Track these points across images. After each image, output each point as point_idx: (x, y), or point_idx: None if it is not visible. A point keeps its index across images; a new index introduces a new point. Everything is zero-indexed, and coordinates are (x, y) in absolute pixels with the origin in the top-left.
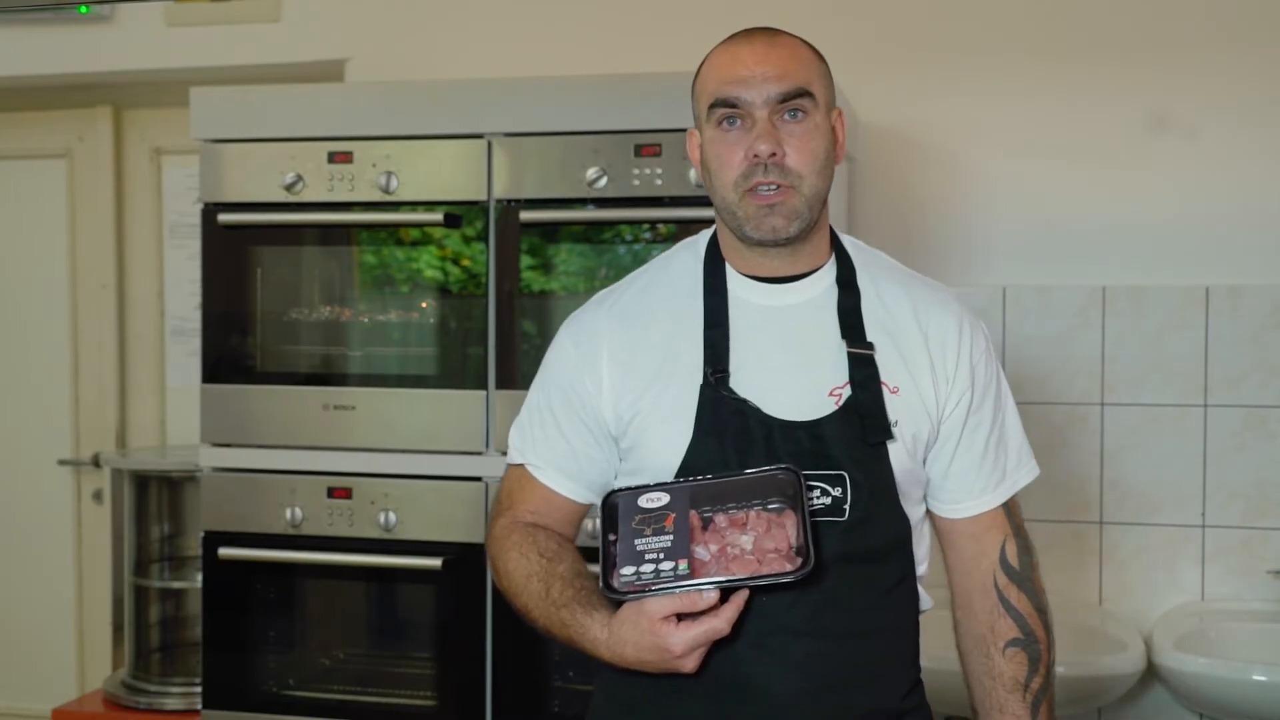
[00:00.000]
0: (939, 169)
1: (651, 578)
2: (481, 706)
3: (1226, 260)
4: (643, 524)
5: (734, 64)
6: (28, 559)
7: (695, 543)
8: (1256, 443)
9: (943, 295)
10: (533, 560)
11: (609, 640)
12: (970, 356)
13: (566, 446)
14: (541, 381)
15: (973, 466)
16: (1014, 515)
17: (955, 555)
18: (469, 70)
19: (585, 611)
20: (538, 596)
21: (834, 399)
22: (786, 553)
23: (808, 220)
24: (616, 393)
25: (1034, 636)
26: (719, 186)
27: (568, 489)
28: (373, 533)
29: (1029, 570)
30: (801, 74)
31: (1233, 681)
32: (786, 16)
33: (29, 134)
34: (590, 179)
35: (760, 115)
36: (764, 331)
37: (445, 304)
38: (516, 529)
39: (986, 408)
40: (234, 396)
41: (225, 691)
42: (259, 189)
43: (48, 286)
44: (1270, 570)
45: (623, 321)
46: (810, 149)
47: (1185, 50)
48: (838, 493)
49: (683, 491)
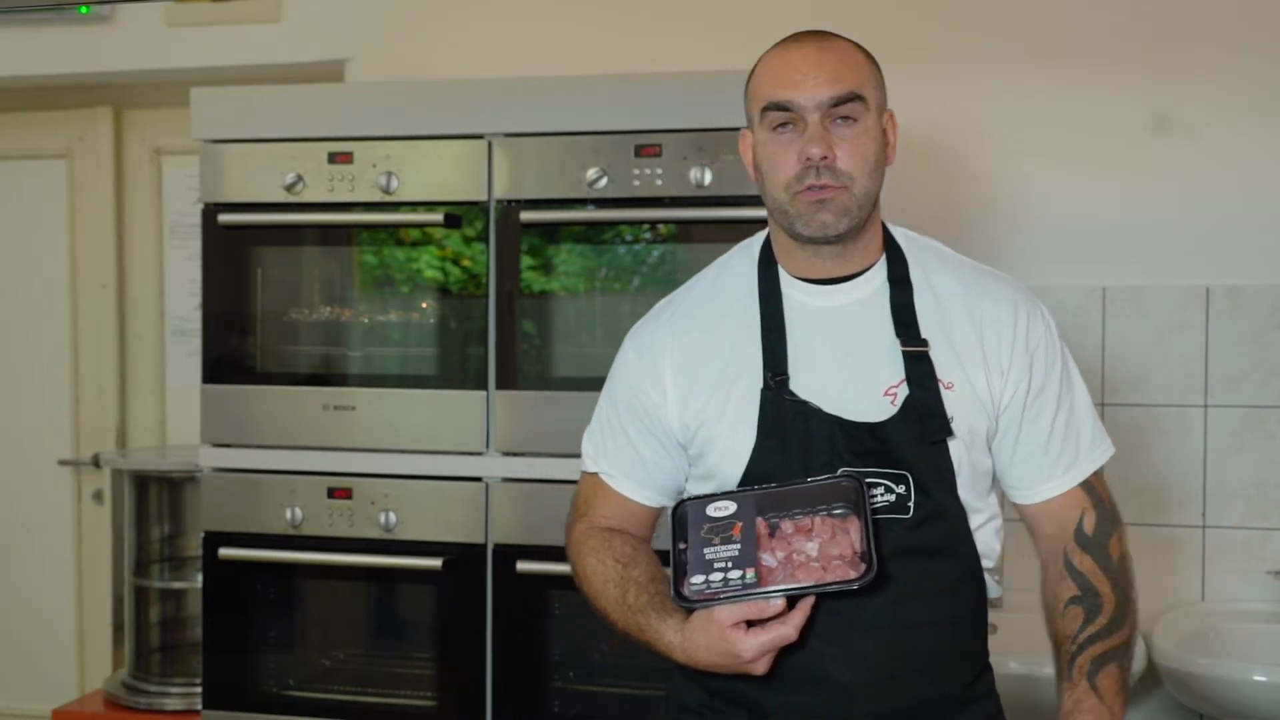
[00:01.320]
0: (939, 169)
1: (720, 586)
2: (481, 706)
3: (1226, 260)
4: (711, 533)
5: (786, 68)
6: (28, 559)
7: (762, 550)
8: (1256, 443)
9: (997, 283)
10: (609, 565)
11: (683, 645)
12: (1027, 344)
13: (636, 455)
14: (609, 392)
15: (1038, 452)
16: (1096, 490)
17: (1038, 536)
18: (469, 70)
19: (660, 617)
20: (615, 601)
21: (889, 398)
22: (851, 559)
23: (857, 218)
24: (681, 401)
25: (1093, 591)
26: (770, 187)
27: (640, 495)
28: (373, 533)
29: (1104, 538)
30: (853, 78)
31: (1233, 682)
32: (787, 16)
33: (29, 134)
34: (590, 179)
35: (812, 119)
36: (819, 333)
37: (445, 304)
38: (594, 534)
39: (1049, 394)
40: (234, 396)
41: (225, 692)
42: (259, 189)
43: (48, 286)
44: (1270, 570)
45: (683, 330)
46: (861, 152)
47: (1185, 50)
48: (901, 490)
49: (749, 499)
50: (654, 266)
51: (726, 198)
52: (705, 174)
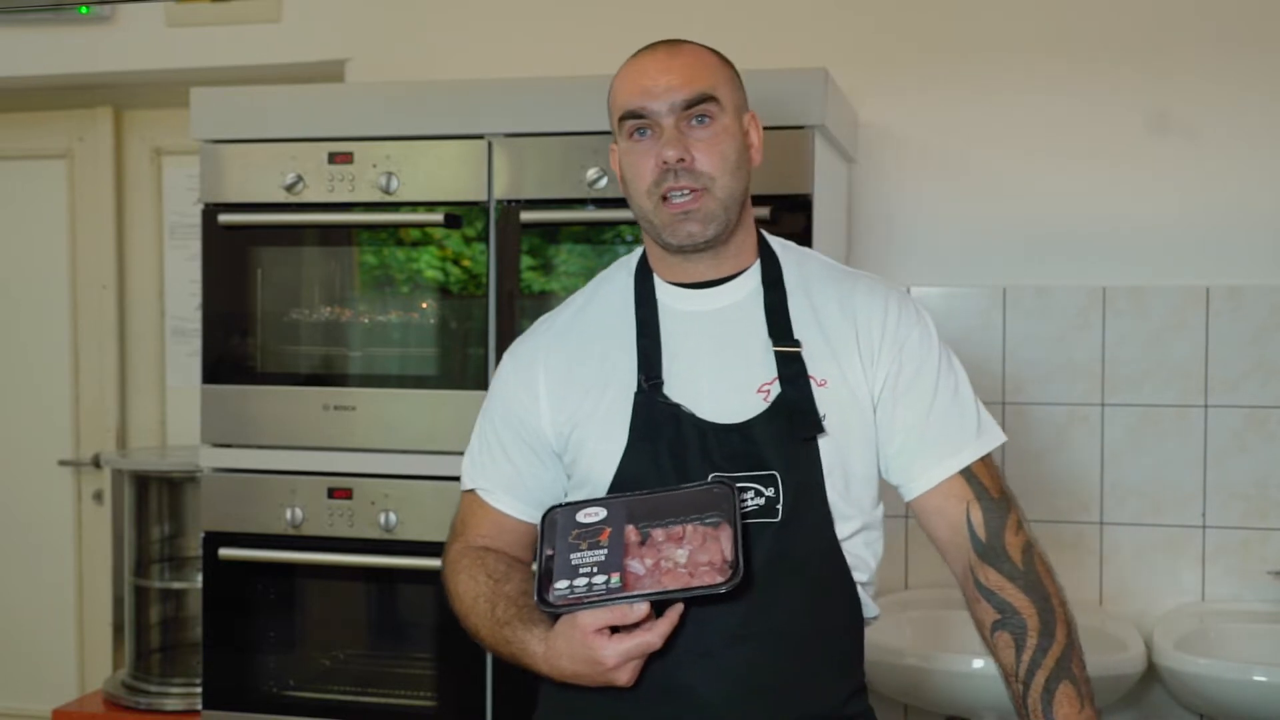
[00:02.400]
0: (939, 169)
1: (585, 591)
2: (481, 706)
3: (1226, 260)
4: (579, 538)
5: (639, 75)
6: (28, 559)
7: (631, 557)
8: (1257, 443)
9: (871, 283)
10: (480, 582)
11: (546, 654)
12: (897, 332)
13: (513, 469)
14: (486, 409)
15: (915, 437)
16: (980, 479)
17: (937, 543)
18: (469, 70)
19: (525, 627)
20: (484, 616)
21: (762, 395)
22: (719, 565)
23: (724, 222)
24: (554, 406)
25: (1010, 609)
26: (634, 195)
27: (517, 510)
28: (373, 533)
29: (998, 537)
30: (705, 80)
31: (1233, 682)
32: (786, 16)
33: (29, 134)
34: (590, 179)
35: (667, 123)
36: (694, 337)
37: (445, 304)
38: (468, 553)
39: (924, 383)
40: (234, 397)
41: (225, 692)
42: (259, 189)
43: (48, 286)
44: (1271, 571)
45: (559, 340)
46: (719, 151)
47: (1185, 51)
48: (770, 493)
49: (620, 506)
50: None
51: None
52: None
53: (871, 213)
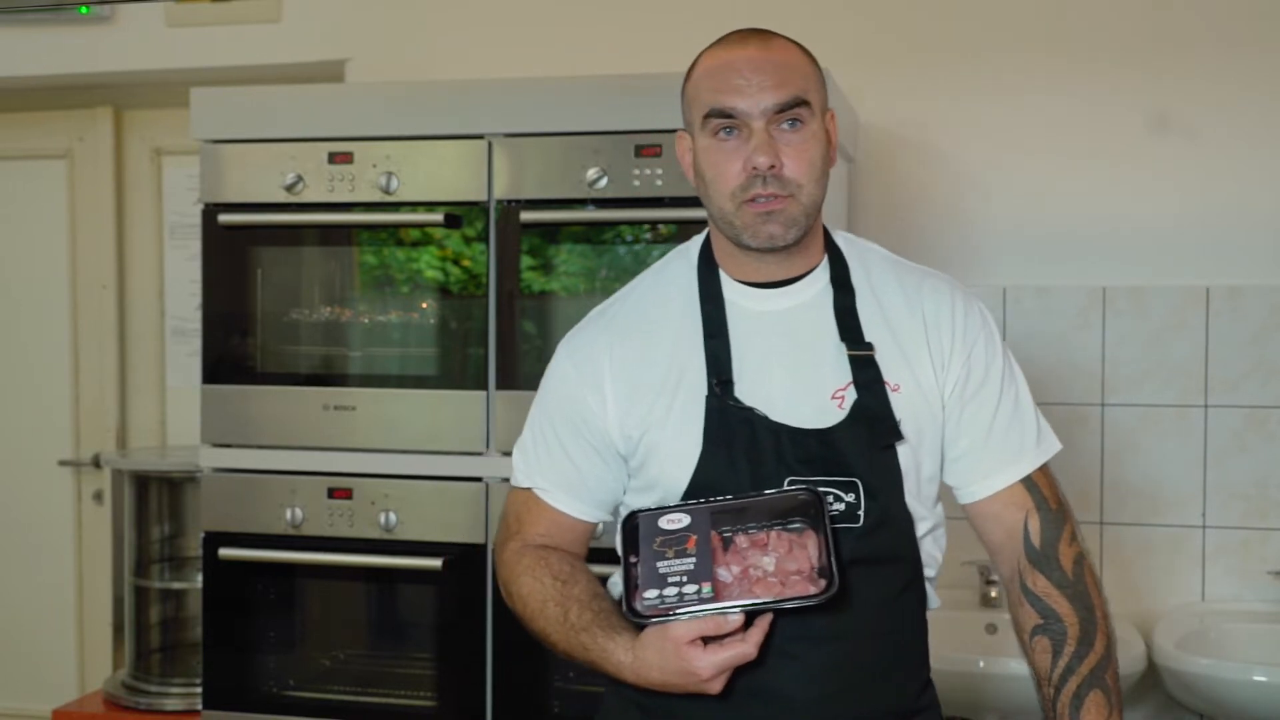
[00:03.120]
0: (939, 169)
1: (675, 601)
2: (481, 706)
3: (1226, 260)
4: (664, 546)
5: (728, 71)
6: (28, 559)
7: (717, 564)
8: (1257, 443)
9: (935, 279)
10: (547, 584)
11: (633, 664)
12: (966, 336)
13: (573, 468)
14: (542, 403)
15: (979, 446)
16: (1040, 489)
17: (988, 544)
18: (469, 70)
19: (607, 635)
20: (555, 620)
21: (836, 401)
22: (809, 574)
23: (804, 227)
24: (622, 410)
25: (1054, 616)
26: (715, 196)
27: (577, 511)
28: (373, 533)
29: (1052, 546)
30: (798, 82)
31: (1233, 682)
32: (787, 16)
33: (29, 134)
34: (590, 179)
35: (757, 126)
36: (763, 337)
37: (445, 304)
38: (527, 552)
39: (990, 387)
40: (234, 397)
41: (225, 692)
42: (259, 189)
43: (48, 286)
44: (1271, 571)
45: (622, 336)
46: (808, 158)
47: (1185, 50)
48: (851, 499)
49: (703, 512)
50: None
51: None
52: None
53: (871, 212)
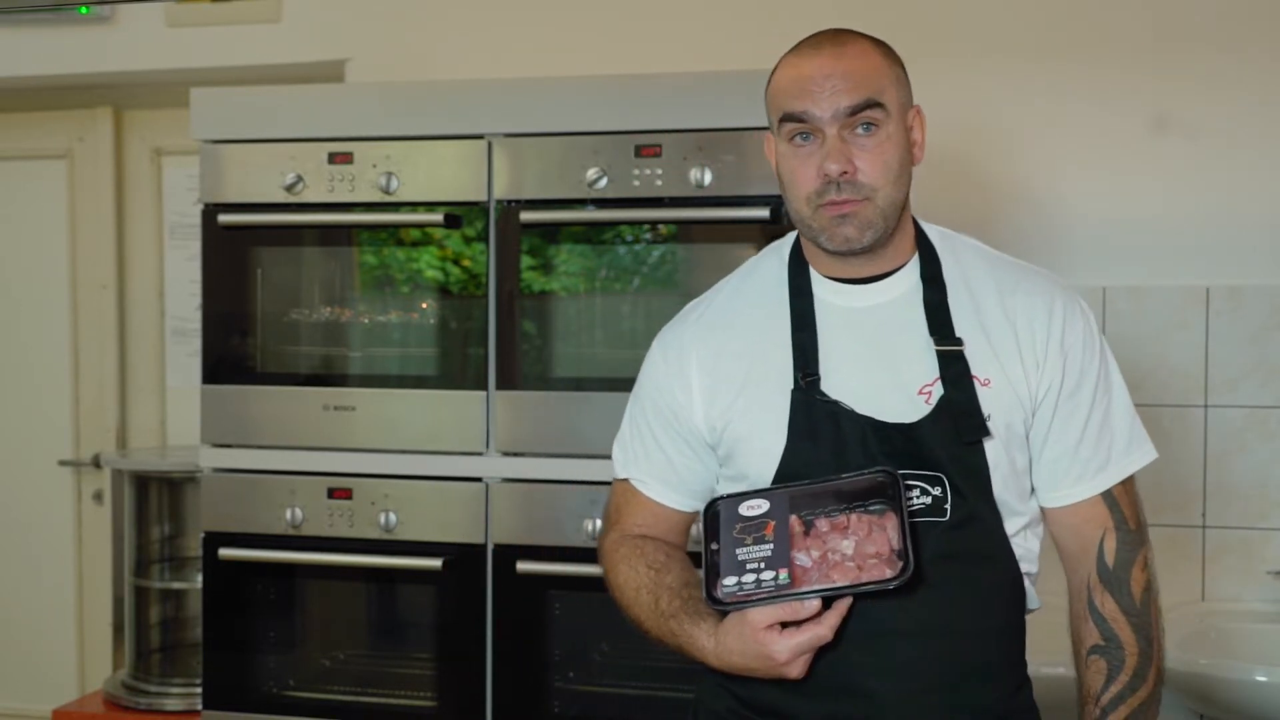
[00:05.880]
0: (938, 169)
1: (753, 588)
2: (481, 706)
3: (1226, 260)
4: (744, 532)
5: (801, 76)
6: (28, 559)
7: (796, 549)
8: (1257, 443)
9: (1033, 278)
10: (641, 573)
11: (716, 649)
12: (1062, 341)
13: (665, 460)
14: (637, 396)
15: (1067, 454)
16: (1121, 506)
17: (1060, 551)
18: (469, 70)
19: (692, 621)
20: (648, 608)
21: (924, 396)
22: (888, 557)
23: (882, 229)
24: (707, 401)
25: (1116, 641)
26: (793, 200)
27: (672, 500)
28: (373, 533)
29: (1126, 569)
30: (871, 84)
31: (1233, 682)
32: (787, 16)
33: (29, 134)
34: (590, 179)
35: (830, 131)
36: (851, 333)
37: (445, 304)
38: (625, 542)
39: (1084, 394)
40: (234, 397)
41: (225, 692)
42: (259, 189)
43: (48, 286)
44: (1271, 571)
45: (710, 330)
46: (883, 161)
47: (1186, 50)
48: (937, 492)
49: (782, 497)
50: (654, 267)
51: (726, 198)
52: (705, 174)
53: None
